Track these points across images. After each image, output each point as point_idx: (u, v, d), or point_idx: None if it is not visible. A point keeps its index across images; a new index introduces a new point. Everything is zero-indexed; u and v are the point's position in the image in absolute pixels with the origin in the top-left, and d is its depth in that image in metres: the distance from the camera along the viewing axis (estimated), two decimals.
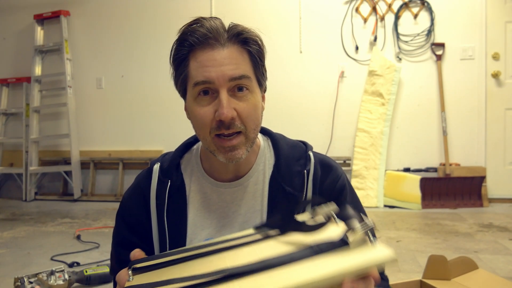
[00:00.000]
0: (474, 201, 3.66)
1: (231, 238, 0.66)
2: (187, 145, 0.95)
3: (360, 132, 3.87)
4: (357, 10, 3.99)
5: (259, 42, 0.82)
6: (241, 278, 0.52)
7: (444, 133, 3.83)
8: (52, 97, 4.67)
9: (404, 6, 3.91)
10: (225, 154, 0.80)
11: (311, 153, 0.90)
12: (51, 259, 2.46)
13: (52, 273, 1.98)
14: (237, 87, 0.78)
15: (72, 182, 4.37)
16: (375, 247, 0.54)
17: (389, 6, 3.93)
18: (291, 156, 0.89)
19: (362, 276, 0.52)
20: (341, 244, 0.55)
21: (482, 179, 3.67)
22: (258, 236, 0.66)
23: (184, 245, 0.85)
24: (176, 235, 0.86)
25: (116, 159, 4.45)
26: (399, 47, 3.93)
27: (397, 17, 3.92)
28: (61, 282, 1.96)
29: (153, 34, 4.40)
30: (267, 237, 0.65)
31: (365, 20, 3.98)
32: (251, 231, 0.69)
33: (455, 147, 3.85)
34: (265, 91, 0.87)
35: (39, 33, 4.60)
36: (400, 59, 3.93)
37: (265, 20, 4.03)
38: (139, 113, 4.47)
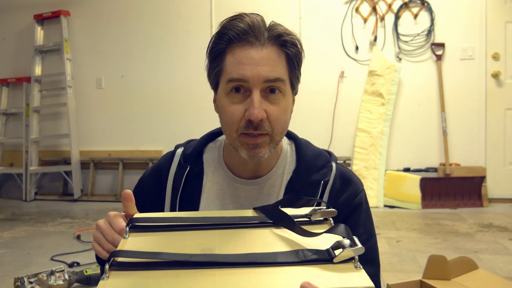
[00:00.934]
0: (474, 201, 3.66)
1: (229, 216, 0.68)
2: (213, 135, 0.95)
3: (360, 132, 3.87)
4: (357, 10, 3.99)
5: (298, 46, 0.81)
6: (223, 268, 0.54)
7: (444, 133, 3.83)
8: (52, 97, 4.66)
9: (404, 6, 3.91)
10: (248, 151, 0.79)
11: (333, 164, 0.89)
12: (51, 259, 2.46)
13: (52, 273, 1.98)
14: (270, 89, 0.78)
15: (72, 182, 4.37)
16: (358, 272, 0.54)
17: (389, 6, 3.93)
18: (313, 164, 0.88)
19: None
20: (326, 258, 0.56)
21: (482, 179, 3.67)
22: (253, 220, 0.68)
23: None
24: None
25: (116, 159, 4.45)
26: (399, 47, 3.93)
27: (397, 17, 3.92)
28: (61, 282, 1.96)
29: (153, 34, 4.40)
30: (261, 223, 0.67)
31: (365, 20, 3.98)
32: (250, 212, 0.71)
33: (455, 147, 3.85)
34: (296, 93, 0.87)
35: (39, 33, 4.60)
36: (400, 59, 3.93)
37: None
38: (139, 113, 4.47)
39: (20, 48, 4.74)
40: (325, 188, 0.85)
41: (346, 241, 0.56)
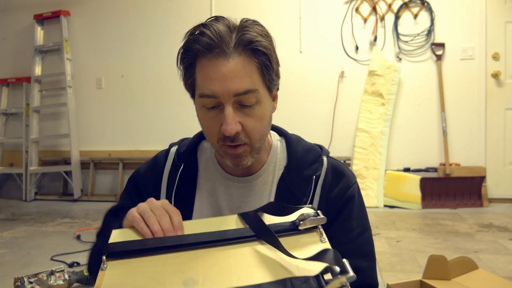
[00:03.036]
0: (474, 201, 3.66)
1: (210, 232, 0.66)
2: None
3: (360, 132, 3.87)
4: (357, 10, 3.99)
5: (269, 50, 0.77)
6: None
7: (444, 133, 3.82)
8: (52, 97, 4.67)
9: (404, 6, 3.91)
10: (232, 160, 0.80)
11: (324, 158, 0.88)
12: (51, 259, 2.46)
13: (52, 273, 1.98)
14: (243, 104, 0.76)
15: (72, 182, 4.37)
16: None
17: (389, 6, 3.93)
18: (304, 159, 0.87)
19: None
20: (316, 286, 0.53)
21: (482, 179, 3.67)
22: (236, 234, 0.65)
23: None
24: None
25: (116, 159, 4.45)
26: (399, 47, 3.93)
27: (397, 17, 3.91)
28: (61, 282, 1.96)
29: (153, 34, 4.40)
30: (243, 238, 0.65)
31: (365, 20, 3.98)
32: (233, 222, 0.69)
33: (455, 147, 3.85)
34: (277, 89, 0.84)
35: (39, 33, 4.60)
36: (400, 59, 3.93)
37: (265, 20, 4.00)
38: (139, 113, 4.47)
39: (20, 48, 4.74)
40: (317, 183, 0.85)
41: (337, 268, 0.53)
